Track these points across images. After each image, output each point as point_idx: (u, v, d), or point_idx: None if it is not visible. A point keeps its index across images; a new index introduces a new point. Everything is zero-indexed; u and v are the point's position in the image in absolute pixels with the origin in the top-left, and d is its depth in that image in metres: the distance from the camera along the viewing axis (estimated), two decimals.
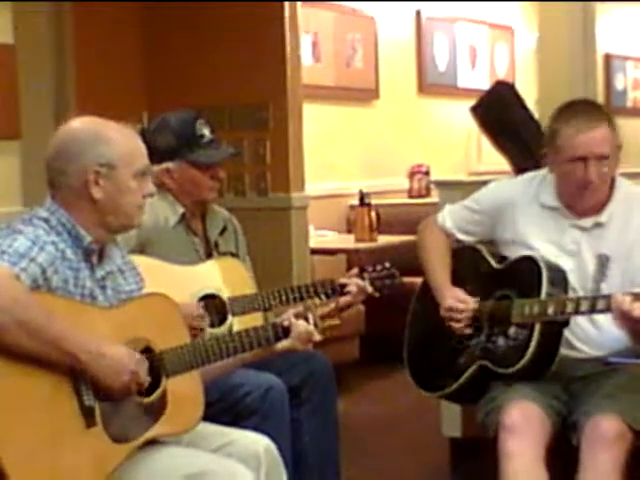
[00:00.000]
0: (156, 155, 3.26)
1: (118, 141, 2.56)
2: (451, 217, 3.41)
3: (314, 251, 5.80)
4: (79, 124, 2.60)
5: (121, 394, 2.44)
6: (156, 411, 2.52)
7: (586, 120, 3.05)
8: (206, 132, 3.46)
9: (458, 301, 3.20)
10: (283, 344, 2.83)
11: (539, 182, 3.26)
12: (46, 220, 2.52)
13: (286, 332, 2.83)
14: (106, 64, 5.49)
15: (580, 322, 3.10)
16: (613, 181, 3.16)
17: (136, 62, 5.70)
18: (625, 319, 2.80)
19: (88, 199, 2.53)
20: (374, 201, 6.48)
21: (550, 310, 2.99)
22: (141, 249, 3.21)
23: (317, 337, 2.88)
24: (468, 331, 3.20)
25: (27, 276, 2.36)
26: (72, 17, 5.29)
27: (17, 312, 2.29)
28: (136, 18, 5.70)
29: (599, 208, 3.14)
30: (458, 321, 3.20)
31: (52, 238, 2.48)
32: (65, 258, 2.48)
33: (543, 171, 3.28)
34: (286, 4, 5.39)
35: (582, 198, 3.12)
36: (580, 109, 3.13)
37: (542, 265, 3.07)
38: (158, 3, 5.67)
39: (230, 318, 3.29)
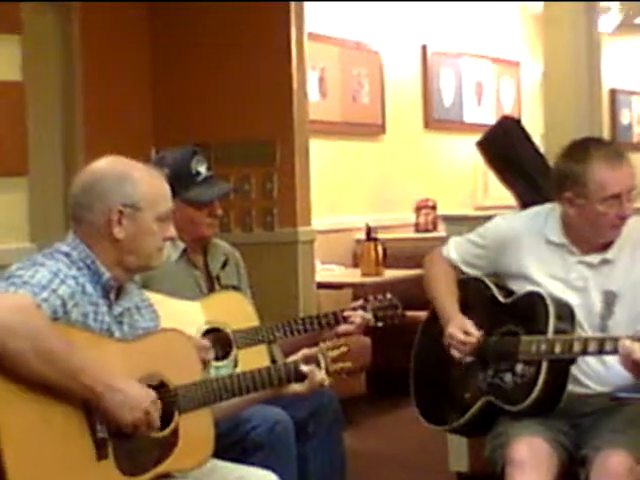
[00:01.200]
0: None
1: (144, 183, 2.59)
2: (456, 250, 3.42)
3: (320, 285, 5.81)
4: (107, 163, 2.63)
5: (132, 431, 2.45)
6: (167, 446, 2.53)
7: (612, 157, 3.06)
8: (202, 169, 3.46)
9: (462, 331, 3.19)
10: (295, 388, 2.82)
11: (545, 217, 3.26)
12: (67, 254, 2.54)
13: (301, 377, 2.82)
14: (114, 101, 5.53)
15: (587, 358, 3.08)
16: None
17: (144, 99, 5.74)
18: (634, 366, 2.78)
19: (110, 238, 2.56)
20: (380, 235, 6.49)
21: (557, 349, 2.98)
22: (144, 285, 3.21)
23: (327, 382, 2.87)
24: (466, 360, 3.19)
25: (47, 307, 2.39)
26: (81, 54, 5.33)
27: (38, 340, 2.31)
28: (145, 56, 5.75)
29: (607, 244, 3.15)
30: (457, 350, 3.20)
31: (73, 272, 2.51)
32: (85, 293, 2.51)
33: (549, 206, 3.28)
34: (293, 39, 5.43)
35: (608, 235, 3.13)
36: (598, 147, 3.12)
37: (549, 301, 3.07)
38: (168, 41, 5.72)
39: (234, 351, 3.29)
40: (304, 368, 2.82)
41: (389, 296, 3.54)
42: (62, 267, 2.49)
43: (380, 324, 3.49)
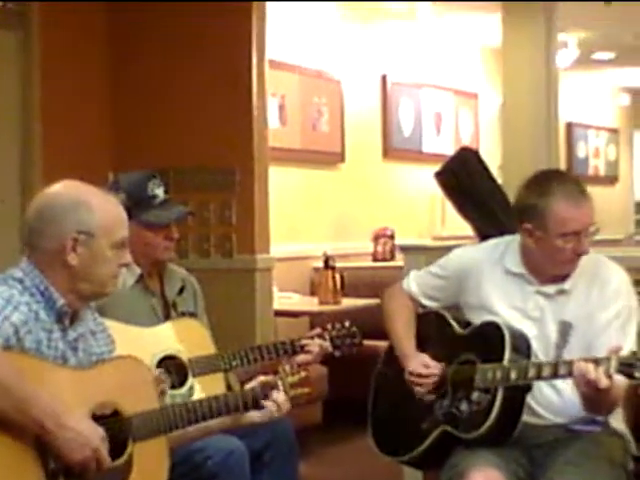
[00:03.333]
0: None
1: (100, 209, 2.56)
2: (416, 282, 3.43)
3: (278, 313, 5.79)
4: (63, 188, 2.59)
5: (80, 468, 2.41)
6: (121, 475, 2.50)
7: (574, 194, 3.05)
8: (159, 192, 3.45)
9: (422, 366, 3.21)
10: (252, 416, 2.79)
11: (504, 248, 3.28)
12: (20, 281, 2.51)
13: (256, 403, 2.79)
14: (73, 123, 5.50)
15: (542, 389, 3.11)
16: None
17: (104, 122, 5.71)
18: (589, 387, 2.80)
19: (63, 264, 2.53)
20: (338, 264, 6.50)
21: (513, 375, 3.00)
22: (99, 311, 3.17)
23: (287, 407, 2.85)
24: (431, 397, 3.20)
25: None
26: (39, 74, 5.31)
27: None
28: (105, 79, 5.73)
29: (564, 276, 3.17)
30: (421, 385, 3.21)
31: (26, 299, 2.48)
32: (38, 319, 2.48)
33: (508, 238, 3.30)
34: (254, 66, 5.43)
35: (565, 269, 3.14)
36: (562, 182, 3.10)
37: (505, 331, 3.08)
38: (128, 64, 5.70)
39: (191, 379, 3.27)
40: (265, 402, 2.79)
41: (347, 324, 3.54)
42: (15, 293, 2.46)
43: (338, 353, 3.48)
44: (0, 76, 5.06)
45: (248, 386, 2.86)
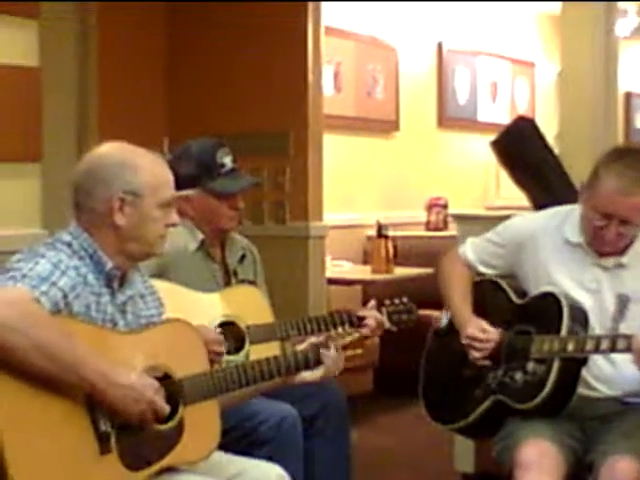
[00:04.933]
0: (176, 182, 3.26)
1: (146, 169, 2.56)
2: (473, 250, 3.41)
3: (330, 281, 5.80)
4: (109, 149, 2.60)
5: (138, 422, 2.42)
6: (172, 439, 2.50)
7: (629, 183, 2.97)
8: (227, 161, 3.45)
9: (480, 331, 3.19)
10: (305, 376, 2.81)
11: (563, 217, 3.24)
12: (69, 244, 2.52)
13: (307, 365, 2.81)
14: (129, 89, 5.52)
15: (598, 361, 3.08)
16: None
17: (159, 88, 5.73)
18: None
19: (111, 225, 2.53)
20: (391, 233, 6.47)
21: (570, 347, 2.98)
22: (160, 274, 3.21)
23: (341, 366, 2.86)
24: (486, 362, 3.18)
25: (47, 300, 2.35)
26: (97, 41, 5.33)
27: (35, 334, 2.27)
28: (161, 44, 5.75)
29: (623, 249, 3.13)
30: (478, 350, 3.19)
31: (74, 263, 2.48)
32: (87, 283, 2.48)
33: (568, 207, 3.27)
34: (310, 34, 5.41)
35: (594, 242, 3.12)
36: (628, 166, 3.01)
37: (563, 301, 3.06)
38: (183, 31, 5.71)
39: (247, 346, 3.28)
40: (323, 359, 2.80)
41: (405, 300, 3.51)
42: (63, 258, 2.46)
43: (394, 328, 3.46)
44: (58, 39, 5.08)
45: (300, 347, 2.87)
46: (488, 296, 3.33)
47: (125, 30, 5.50)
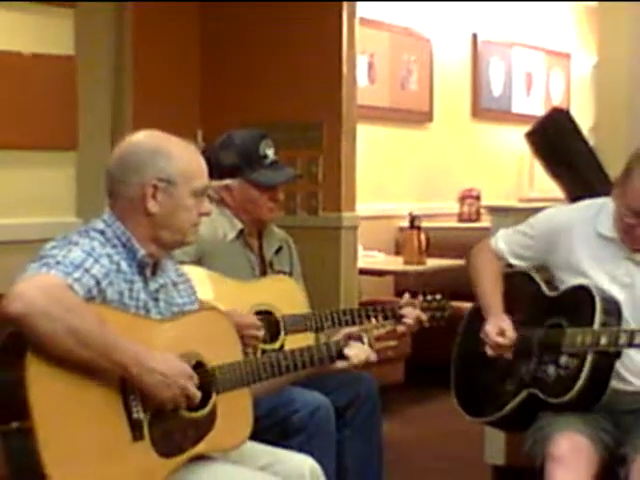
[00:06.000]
0: (217, 171, 3.28)
1: (180, 157, 2.56)
2: (505, 241, 3.39)
3: (362, 271, 5.80)
4: (142, 136, 2.60)
5: (170, 408, 2.43)
6: (204, 427, 2.51)
7: None
8: (270, 153, 3.47)
9: (498, 331, 3.17)
10: (338, 363, 2.82)
11: (597, 210, 3.22)
12: (102, 232, 2.53)
13: (341, 356, 2.81)
14: (163, 79, 5.53)
15: (631, 355, 3.06)
16: None
17: (193, 79, 5.74)
18: None
19: (144, 212, 2.54)
20: (424, 224, 6.46)
21: (603, 341, 2.96)
22: (199, 260, 3.23)
23: (373, 358, 2.86)
24: (508, 356, 3.17)
25: (80, 287, 2.36)
26: (132, 31, 5.34)
27: (69, 320, 2.27)
28: (194, 35, 5.75)
29: None
30: (491, 348, 3.18)
31: (107, 250, 2.49)
32: (120, 271, 2.49)
33: (602, 200, 3.25)
34: (344, 25, 5.40)
35: (626, 239, 3.10)
36: None
37: (596, 294, 3.04)
38: (218, 22, 5.71)
39: (282, 335, 3.29)
40: (348, 351, 2.81)
41: (439, 297, 3.48)
42: (96, 245, 2.47)
43: (427, 325, 3.44)
44: (94, 28, 5.10)
45: (334, 338, 2.87)
46: (520, 289, 3.32)
47: (160, 20, 5.50)
